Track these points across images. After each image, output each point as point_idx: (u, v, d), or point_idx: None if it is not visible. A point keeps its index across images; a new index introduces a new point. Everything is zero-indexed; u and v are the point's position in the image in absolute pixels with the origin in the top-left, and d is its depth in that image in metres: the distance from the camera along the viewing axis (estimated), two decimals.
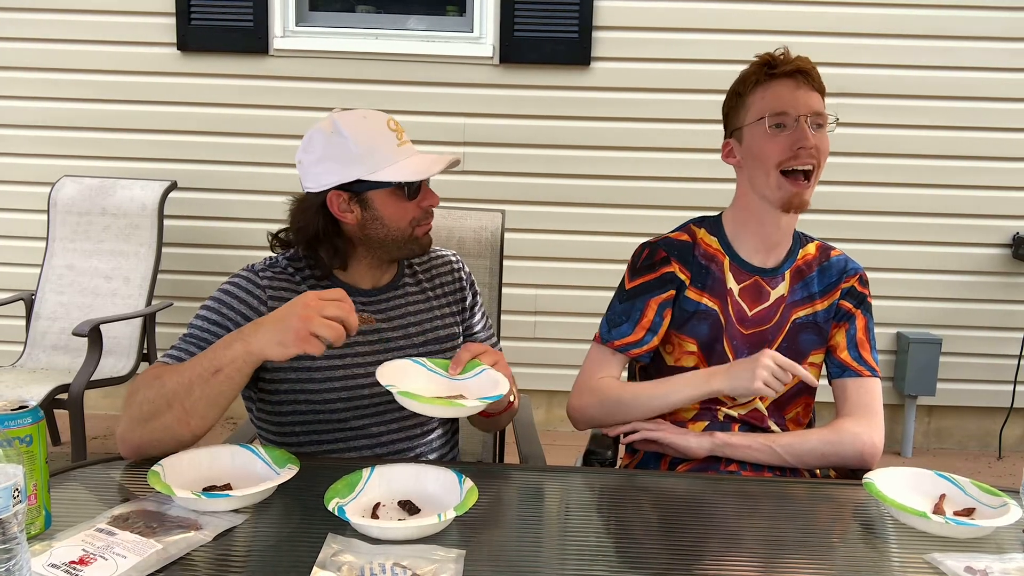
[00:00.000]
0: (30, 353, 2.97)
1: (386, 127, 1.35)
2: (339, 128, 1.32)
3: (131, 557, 0.93)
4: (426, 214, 1.39)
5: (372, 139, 1.33)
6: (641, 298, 1.52)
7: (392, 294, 1.45)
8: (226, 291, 1.36)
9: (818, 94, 1.44)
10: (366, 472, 1.15)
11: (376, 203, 1.34)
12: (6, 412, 0.98)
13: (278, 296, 1.35)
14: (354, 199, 1.34)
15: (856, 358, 1.50)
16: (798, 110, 1.41)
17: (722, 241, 1.53)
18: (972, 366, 3.42)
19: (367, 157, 1.31)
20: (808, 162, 1.41)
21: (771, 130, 1.42)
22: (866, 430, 1.43)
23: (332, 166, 1.32)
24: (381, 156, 1.32)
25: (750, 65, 1.48)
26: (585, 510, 1.17)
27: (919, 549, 1.05)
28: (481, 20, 3.27)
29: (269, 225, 1.46)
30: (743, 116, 1.48)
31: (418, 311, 1.47)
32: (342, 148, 1.31)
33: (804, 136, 1.40)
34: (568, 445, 1.47)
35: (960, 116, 3.26)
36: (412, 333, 1.44)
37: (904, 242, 3.35)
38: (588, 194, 3.32)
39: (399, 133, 1.35)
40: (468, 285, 1.55)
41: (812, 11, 3.21)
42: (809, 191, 1.43)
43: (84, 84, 3.29)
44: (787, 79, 1.43)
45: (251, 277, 1.37)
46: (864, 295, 1.54)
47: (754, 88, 1.46)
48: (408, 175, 1.33)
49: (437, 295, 1.51)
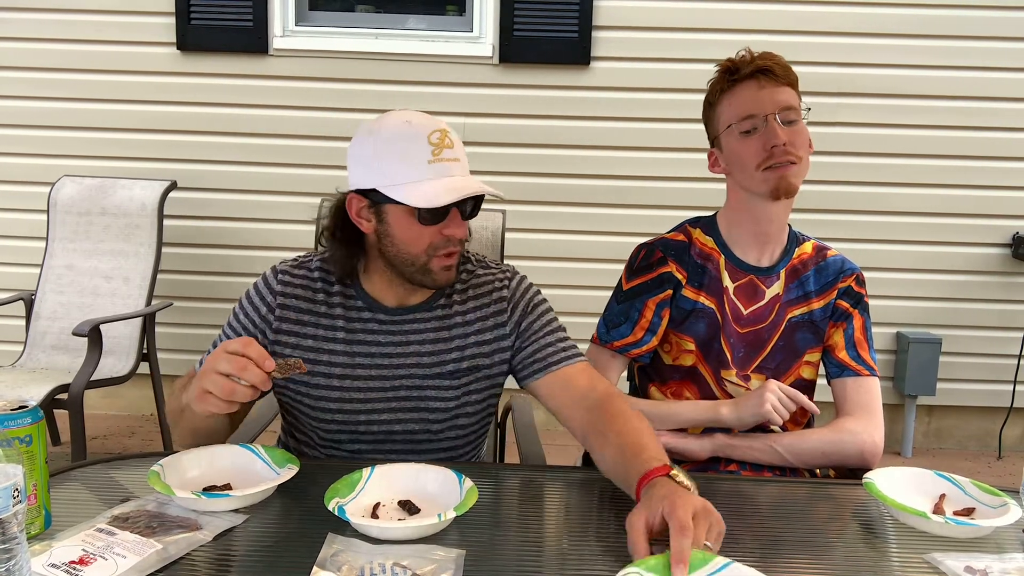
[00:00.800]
0: (30, 353, 2.97)
1: (425, 138, 1.21)
2: (377, 127, 1.23)
3: (131, 557, 0.93)
4: (447, 243, 1.25)
5: (401, 148, 1.20)
6: (639, 298, 1.52)
7: (414, 317, 1.34)
8: (246, 295, 1.36)
9: (787, 87, 1.44)
10: (366, 472, 1.15)
11: (390, 219, 1.24)
12: (6, 412, 0.98)
13: (287, 304, 1.33)
14: (371, 208, 1.25)
15: (855, 358, 1.51)
16: (764, 109, 1.41)
17: (717, 240, 1.54)
18: (972, 366, 3.42)
19: (389, 166, 1.20)
20: (784, 159, 1.41)
21: (742, 136, 1.43)
22: (866, 429, 1.43)
23: (357, 168, 1.24)
24: (404, 169, 1.20)
25: (715, 74, 1.49)
26: (585, 510, 1.17)
27: (919, 549, 1.05)
28: (481, 20, 3.27)
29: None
30: (717, 125, 1.49)
31: (438, 339, 1.34)
32: (370, 150, 1.22)
33: (774, 135, 1.40)
34: (568, 445, 1.46)
35: (960, 116, 3.26)
36: (424, 363, 1.33)
37: (904, 242, 3.35)
38: (588, 194, 3.32)
39: (439, 148, 1.21)
40: (512, 307, 1.37)
41: (812, 11, 3.21)
42: (795, 174, 1.42)
43: (84, 84, 3.29)
44: (750, 81, 1.44)
45: (268, 280, 1.35)
46: (861, 295, 1.54)
47: (720, 96, 1.48)
48: (418, 199, 1.18)
49: (475, 327, 1.36)
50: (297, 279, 1.35)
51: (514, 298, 1.38)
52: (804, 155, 1.43)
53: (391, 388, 1.33)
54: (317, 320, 1.33)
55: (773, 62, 1.44)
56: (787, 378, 1.51)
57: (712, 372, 1.50)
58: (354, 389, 1.32)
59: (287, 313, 1.33)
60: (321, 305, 1.33)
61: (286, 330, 1.33)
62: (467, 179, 1.24)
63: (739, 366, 1.50)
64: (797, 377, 1.52)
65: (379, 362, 1.32)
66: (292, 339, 1.32)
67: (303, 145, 3.28)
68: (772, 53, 1.46)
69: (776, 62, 1.44)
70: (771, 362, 1.51)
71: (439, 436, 1.36)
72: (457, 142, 1.25)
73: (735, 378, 1.50)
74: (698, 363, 1.51)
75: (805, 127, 1.45)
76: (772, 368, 1.51)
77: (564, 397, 1.32)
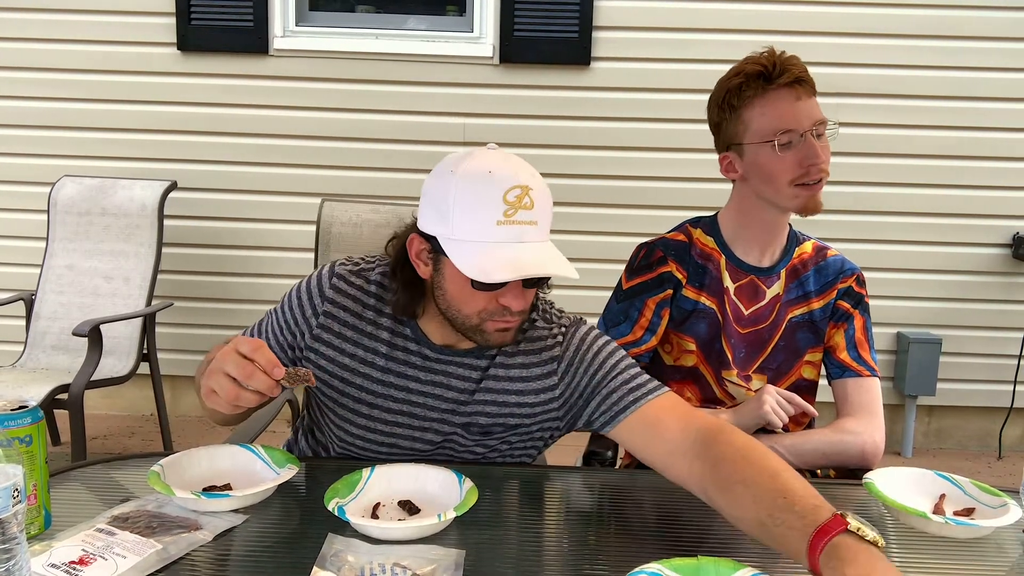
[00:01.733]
0: (30, 353, 2.96)
1: (502, 195, 1.07)
2: (458, 167, 1.10)
3: (131, 557, 0.93)
4: (504, 312, 1.13)
5: (471, 201, 1.08)
6: (639, 298, 1.51)
7: (461, 361, 1.24)
8: (297, 289, 1.28)
9: (815, 98, 1.40)
10: (366, 472, 1.15)
11: (446, 272, 1.14)
12: (6, 412, 0.98)
13: (333, 314, 1.25)
14: (431, 253, 1.16)
15: (856, 358, 1.50)
16: (802, 125, 1.37)
17: (718, 241, 1.53)
18: (972, 366, 3.42)
19: (454, 217, 1.08)
20: (819, 175, 1.39)
21: (779, 149, 1.38)
22: (867, 429, 1.43)
23: (427, 206, 1.14)
24: (468, 227, 1.08)
25: (739, 74, 1.41)
26: (585, 510, 1.17)
27: (919, 549, 1.05)
28: (481, 20, 3.27)
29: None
30: (741, 132, 1.42)
31: (479, 389, 1.23)
32: (442, 193, 1.10)
33: (814, 153, 1.37)
34: (568, 445, 1.46)
35: (960, 116, 3.26)
36: (459, 412, 1.24)
37: (904, 242, 3.35)
38: (588, 194, 3.32)
39: (513, 209, 1.07)
40: (566, 366, 1.24)
41: (812, 11, 3.21)
42: (821, 192, 1.42)
43: (84, 84, 3.29)
44: (786, 90, 1.38)
45: (322, 281, 1.27)
46: (861, 295, 1.53)
47: (751, 101, 1.40)
48: (471, 267, 1.06)
49: (517, 387, 1.24)
50: (352, 288, 1.26)
51: (566, 355, 1.24)
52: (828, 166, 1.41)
53: (419, 428, 1.26)
54: (359, 338, 1.25)
55: (805, 69, 1.38)
56: (789, 378, 1.51)
57: (713, 372, 1.50)
58: (380, 420, 1.26)
59: (331, 323, 1.25)
60: (368, 324, 1.25)
61: (325, 340, 1.25)
62: (537, 251, 1.09)
63: (740, 366, 1.50)
64: (798, 377, 1.52)
65: (412, 399, 1.24)
66: (329, 351, 1.25)
67: (303, 145, 3.28)
68: (795, 57, 1.40)
69: (806, 69, 1.39)
70: (772, 362, 1.51)
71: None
72: (539, 200, 1.10)
73: (736, 378, 1.50)
74: (699, 363, 1.50)
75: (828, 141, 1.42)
76: (774, 368, 1.51)
77: (658, 446, 1.14)
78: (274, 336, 1.29)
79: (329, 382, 1.26)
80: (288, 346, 1.28)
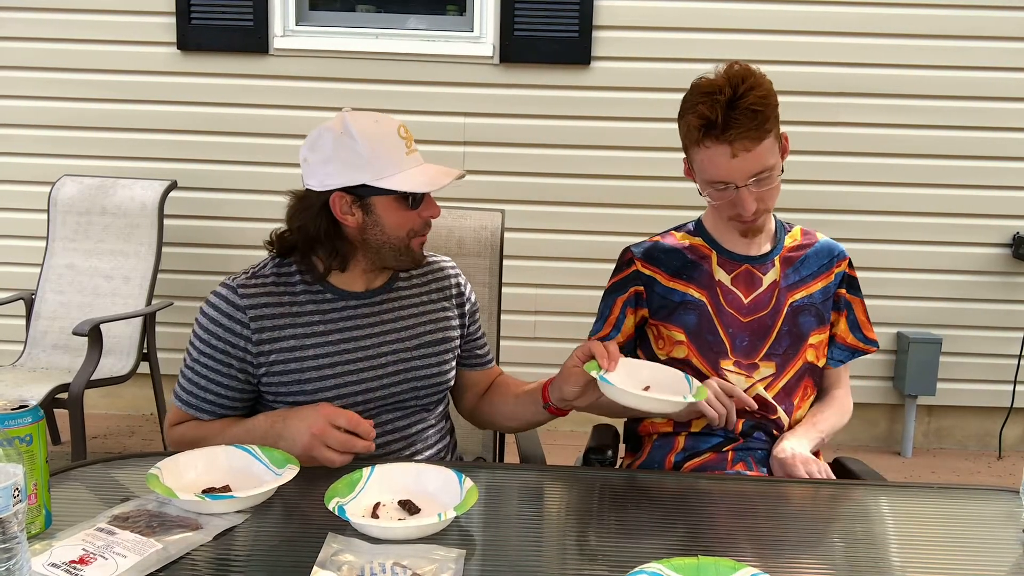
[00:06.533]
0: (30, 353, 2.96)
1: (396, 134, 1.34)
2: (350, 129, 1.31)
3: (131, 557, 0.93)
4: (425, 225, 1.39)
5: (382, 145, 1.31)
6: (611, 297, 1.60)
7: (384, 297, 1.44)
8: (209, 318, 1.35)
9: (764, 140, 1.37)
10: (366, 472, 1.15)
11: (378, 209, 1.34)
12: (6, 412, 0.99)
13: (259, 315, 1.34)
14: (356, 203, 1.33)
15: (862, 339, 1.61)
16: (737, 181, 1.41)
17: (707, 239, 1.58)
18: (972, 366, 3.42)
19: (375, 162, 1.30)
20: (751, 220, 1.46)
21: (715, 196, 1.45)
22: (848, 396, 1.63)
23: (339, 167, 1.31)
24: (389, 163, 1.31)
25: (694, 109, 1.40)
26: (585, 510, 1.17)
27: (920, 549, 1.05)
28: (481, 19, 3.27)
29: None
30: (691, 158, 1.48)
31: (410, 315, 1.46)
32: (351, 150, 1.30)
33: (743, 205, 1.42)
34: (568, 445, 1.47)
35: (960, 116, 3.26)
36: (404, 337, 1.43)
37: (904, 242, 3.34)
38: (588, 194, 3.32)
39: (408, 141, 1.34)
40: (468, 292, 1.55)
41: (812, 11, 3.21)
42: (764, 221, 1.50)
43: (84, 84, 3.29)
44: (724, 147, 1.37)
45: (230, 298, 1.35)
46: (855, 278, 1.62)
47: (696, 146, 1.42)
48: (416, 186, 1.32)
49: (433, 298, 1.50)
50: (258, 288, 1.36)
51: (467, 287, 1.56)
52: (773, 203, 1.47)
53: (381, 366, 1.39)
54: (292, 319, 1.36)
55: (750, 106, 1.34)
56: (795, 363, 1.54)
57: (708, 363, 1.51)
58: (347, 373, 1.37)
59: (262, 323, 1.34)
60: (290, 305, 1.37)
61: (267, 339, 1.34)
62: (436, 165, 1.37)
63: (743, 355, 1.52)
64: (804, 362, 1.55)
65: (364, 343, 1.39)
66: (275, 344, 1.34)
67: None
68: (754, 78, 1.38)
69: (754, 104, 1.35)
70: (778, 348, 1.53)
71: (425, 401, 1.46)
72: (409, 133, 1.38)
73: (734, 368, 1.51)
74: (691, 355, 1.52)
75: (778, 178, 1.43)
76: (780, 354, 1.53)
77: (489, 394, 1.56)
78: (218, 375, 1.35)
79: (288, 368, 1.34)
80: (239, 371, 1.35)
